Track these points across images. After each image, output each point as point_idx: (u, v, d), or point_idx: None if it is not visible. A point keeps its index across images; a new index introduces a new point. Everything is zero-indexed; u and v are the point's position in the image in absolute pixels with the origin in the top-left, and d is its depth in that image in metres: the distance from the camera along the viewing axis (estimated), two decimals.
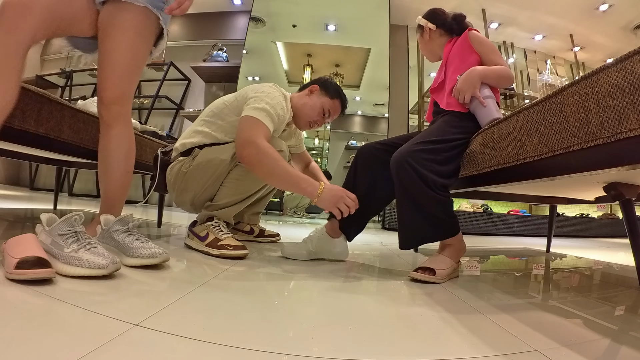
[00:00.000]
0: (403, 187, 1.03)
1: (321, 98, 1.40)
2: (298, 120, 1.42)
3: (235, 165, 1.25)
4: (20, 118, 0.97)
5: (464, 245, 1.12)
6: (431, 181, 0.99)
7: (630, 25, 4.02)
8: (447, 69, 1.26)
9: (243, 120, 1.16)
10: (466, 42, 1.23)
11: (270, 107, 1.18)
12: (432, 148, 1.04)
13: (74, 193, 4.31)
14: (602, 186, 0.97)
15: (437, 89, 1.30)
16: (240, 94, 1.30)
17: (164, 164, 1.37)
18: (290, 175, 1.10)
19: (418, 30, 1.40)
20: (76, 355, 0.39)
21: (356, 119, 5.21)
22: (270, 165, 1.09)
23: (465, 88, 1.11)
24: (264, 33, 4.33)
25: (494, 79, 1.14)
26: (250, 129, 1.14)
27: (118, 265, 0.73)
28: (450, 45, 1.29)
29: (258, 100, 1.19)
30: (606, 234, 3.84)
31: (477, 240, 2.59)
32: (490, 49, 1.20)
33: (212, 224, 1.21)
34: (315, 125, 1.45)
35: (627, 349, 0.58)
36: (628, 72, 0.58)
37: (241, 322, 0.57)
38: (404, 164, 1.01)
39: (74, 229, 0.75)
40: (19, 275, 0.61)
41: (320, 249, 1.22)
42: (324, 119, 1.43)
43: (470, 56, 1.21)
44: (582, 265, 1.71)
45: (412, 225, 1.07)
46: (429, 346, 0.54)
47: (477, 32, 1.24)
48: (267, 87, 1.27)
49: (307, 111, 1.39)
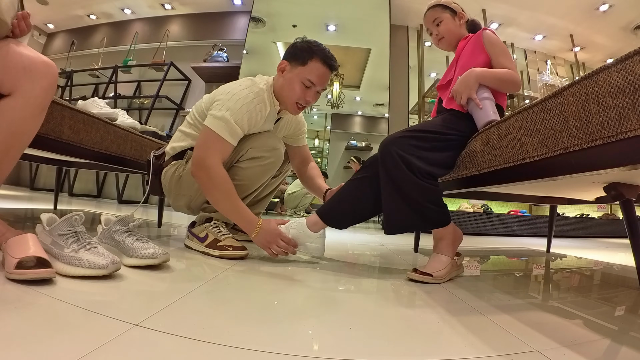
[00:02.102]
0: (387, 172, 1.03)
1: (294, 71, 1.19)
2: (284, 106, 1.25)
3: (230, 166, 1.22)
4: None
5: (459, 235, 1.11)
6: (415, 167, 0.99)
7: (631, 26, 4.02)
8: (457, 66, 1.25)
9: (202, 133, 1.13)
10: (479, 41, 1.20)
11: (230, 115, 1.10)
12: (420, 136, 1.04)
13: (74, 193, 4.31)
14: (603, 186, 0.96)
15: (444, 86, 1.28)
16: (212, 95, 1.23)
17: (157, 168, 1.33)
18: (234, 209, 1.11)
19: (446, 11, 1.30)
20: (76, 355, 0.39)
21: (356, 119, 5.21)
22: (216, 196, 1.12)
23: (462, 89, 1.11)
24: (264, 33, 4.33)
25: (493, 82, 1.11)
26: (205, 147, 1.10)
27: (118, 265, 0.73)
28: (465, 42, 1.27)
29: (219, 106, 1.12)
30: (606, 234, 3.84)
31: (477, 241, 2.59)
32: (500, 51, 1.17)
33: (211, 224, 1.20)
34: (306, 103, 1.22)
35: (627, 349, 0.58)
36: (628, 72, 0.58)
37: (241, 322, 0.57)
38: (390, 149, 1.01)
39: (74, 229, 0.75)
40: (19, 275, 0.61)
41: (295, 239, 1.16)
42: (310, 91, 1.20)
43: (480, 56, 1.18)
44: (582, 265, 1.71)
45: (396, 212, 1.05)
46: (428, 346, 0.54)
47: (492, 32, 1.21)
48: (236, 87, 1.17)
49: (286, 93, 1.21)
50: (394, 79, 4.10)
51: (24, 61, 0.80)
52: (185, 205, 1.31)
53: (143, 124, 2.76)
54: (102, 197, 4.42)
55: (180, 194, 1.27)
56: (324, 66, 1.17)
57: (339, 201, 1.19)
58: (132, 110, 4.31)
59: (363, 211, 1.18)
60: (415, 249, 1.74)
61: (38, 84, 0.81)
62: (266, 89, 1.20)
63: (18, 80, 0.78)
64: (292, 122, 1.43)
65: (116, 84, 4.22)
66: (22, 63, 0.79)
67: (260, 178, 1.26)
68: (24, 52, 0.81)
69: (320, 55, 1.17)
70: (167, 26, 4.59)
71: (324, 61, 1.17)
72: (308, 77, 1.17)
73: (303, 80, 1.17)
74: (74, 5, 4.66)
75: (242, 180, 1.22)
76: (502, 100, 1.17)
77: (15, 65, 0.78)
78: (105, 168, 1.98)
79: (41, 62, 0.82)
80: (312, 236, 1.18)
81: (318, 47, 1.18)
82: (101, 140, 1.32)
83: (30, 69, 0.80)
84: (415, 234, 1.79)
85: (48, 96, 0.85)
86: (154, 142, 1.71)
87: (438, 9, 1.32)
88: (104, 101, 1.53)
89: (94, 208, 2.78)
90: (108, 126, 1.36)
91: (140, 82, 4.43)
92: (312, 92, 1.20)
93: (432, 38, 1.36)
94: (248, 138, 1.20)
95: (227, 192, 1.10)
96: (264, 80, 1.23)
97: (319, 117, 5.55)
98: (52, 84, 0.85)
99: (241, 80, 1.22)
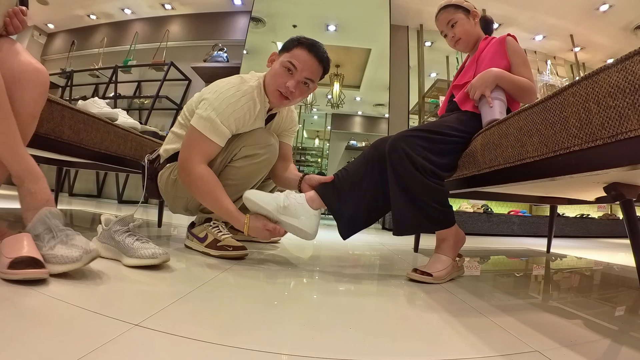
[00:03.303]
0: (393, 168, 1.02)
1: (279, 58, 1.17)
2: (269, 97, 1.19)
3: (224, 166, 1.20)
4: None
5: (462, 237, 1.10)
6: (420, 166, 0.98)
7: (631, 26, 4.01)
8: (478, 66, 1.22)
9: (187, 133, 1.13)
10: (502, 46, 1.19)
11: (216, 114, 1.08)
12: (427, 137, 1.03)
13: (74, 193, 4.31)
14: (603, 186, 0.96)
15: (460, 86, 1.26)
16: (200, 93, 1.21)
17: (152, 172, 1.32)
18: (218, 208, 1.11)
19: (459, 11, 1.27)
20: (76, 355, 0.39)
21: (356, 119, 5.21)
22: (200, 197, 1.13)
23: (478, 85, 1.10)
24: (264, 33, 4.33)
25: (510, 86, 1.11)
26: (188, 148, 1.11)
27: (93, 253, 0.71)
28: (485, 43, 1.25)
29: (205, 105, 1.10)
30: (606, 234, 3.83)
31: (477, 241, 2.59)
32: (521, 60, 1.16)
33: (210, 224, 1.20)
34: (287, 91, 1.14)
35: (628, 349, 0.58)
36: (628, 72, 0.58)
37: (241, 322, 0.57)
38: (396, 146, 1.01)
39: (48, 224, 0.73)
40: (12, 276, 0.61)
41: (289, 211, 1.08)
42: (291, 76, 1.13)
43: (502, 61, 1.17)
44: (582, 265, 1.71)
45: (403, 212, 1.03)
46: (429, 346, 0.54)
47: (514, 39, 1.21)
48: (223, 85, 1.14)
49: (268, 80, 1.17)
50: (394, 79, 4.10)
51: (14, 69, 0.78)
52: (182, 207, 1.29)
53: (143, 124, 2.76)
54: (102, 197, 4.42)
55: (177, 196, 1.26)
56: (309, 53, 1.13)
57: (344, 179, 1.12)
58: (132, 110, 4.31)
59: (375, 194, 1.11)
60: (416, 249, 1.74)
61: (28, 95, 0.79)
62: (256, 86, 1.17)
63: (8, 90, 0.76)
64: (286, 121, 1.40)
65: (116, 84, 4.22)
66: (11, 71, 0.77)
67: (256, 176, 1.23)
68: (14, 59, 0.79)
69: (306, 43, 1.14)
70: (167, 26, 4.59)
71: (309, 49, 1.13)
72: (289, 60, 1.13)
73: (284, 64, 1.13)
74: (74, 5, 4.66)
75: (237, 180, 1.19)
76: (515, 109, 1.15)
77: (5, 72, 0.76)
78: (106, 168, 1.97)
79: (32, 69, 0.80)
80: (309, 211, 1.09)
81: (308, 39, 1.16)
82: (101, 140, 1.32)
83: (20, 79, 0.78)
84: (415, 234, 1.79)
85: (38, 105, 0.84)
86: (154, 142, 1.70)
87: (450, 9, 1.28)
88: (104, 101, 1.54)
89: (94, 208, 2.78)
90: (108, 126, 1.36)
91: (140, 82, 4.42)
92: (294, 80, 1.14)
93: (448, 40, 1.32)
94: (240, 136, 1.18)
95: (208, 191, 1.10)
96: (255, 77, 1.20)
97: (319, 117, 5.55)
98: (42, 93, 0.84)
99: (230, 78, 1.19)
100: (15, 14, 0.85)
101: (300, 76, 1.14)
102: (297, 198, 1.10)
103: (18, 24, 0.85)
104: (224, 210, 1.10)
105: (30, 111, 0.82)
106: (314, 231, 1.09)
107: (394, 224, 1.06)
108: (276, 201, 1.08)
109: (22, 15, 0.87)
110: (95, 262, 0.72)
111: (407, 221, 1.04)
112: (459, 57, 3.92)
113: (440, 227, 1.06)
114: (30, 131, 0.84)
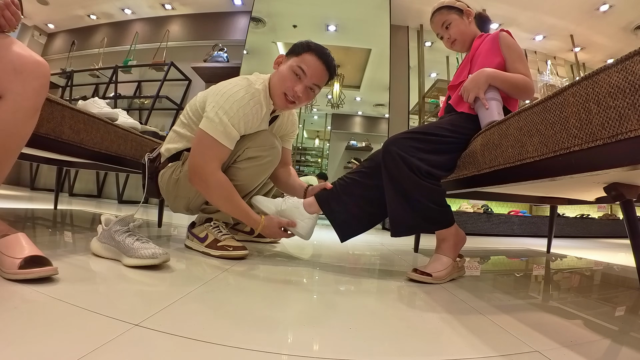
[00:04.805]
0: (388, 172, 1.03)
1: (287, 62, 1.17)
2: (274, 99, 1.20)
3: (227, 167, 1.19)
4: None
5: (462, 237, 1.10)
6: (415, 167, 0.99)
7: (631, 26, 4.01)
8: (472, 65, 1.22)
9: (197, 136, 1.12)
10: (495, 42, 1.17)
11: (227, 118, 1.08)
12: (420, 138, 1.04)
13: (75, 193, 4.31)
14: (603, 187, 0.96)
15: (456, 86, 1.25)
16: (205, 94, 1.21)
17: (153, 171, 1.31)
18: (235, 211, 1.14)
19: (452, 12, 1.27)
20: (76, 355, 0.39)
21: (356, 119, 5.21)
22: (217, 202, 1.15)
23: (470, 87, 1.09)
24: (264, 33, 4.33)
25: (504, 85, 1.09)
26: (201, 153, 1.10)
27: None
28: (480, 40, 1.24)
29: (215, 108, 1.09)
30: (606, 234, 3.83)
31: (477, 241, 2.59)
32: (517, 56, 1.14)
33: (210, 224, 1.20)
34: (294, 96, 1.16)
35: (628, 349, 0.58)
36: (629, 72, 0.58)
37: (241, 322, 0.57)
38: (390, 149, 1.02)
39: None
40: (25, 275, 0.61)
41: (286, 214, 1.17)
42: (301, 83, 1.15)
43: (496, 58, 1.15)
44: (582, 265, 1.71)
45: (399, 212, 1.04)
46: (429, 346, 0.54)
47: (509, 34, 1.18)
48: (231, 87, 1.14)
49: (275, 83, 1.18)
50: (394, 79, 4.10)
51: (14, 61, 0.77)
52: (184, 207, 1.29)
53: (143, 124, 2.76)
54: (102, 197, 4.42)
55: (179, 196, 1.25)
56: (318, 60, 1.14)
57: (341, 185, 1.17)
58: (132, 110, 4.31)
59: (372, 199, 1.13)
60: (416, 249, 1.74)
61: (29, 86, 0.78)
62: (262, 89, 1.17)
63: (9, 83, 0.76)
64: (288, 124, 1.41)
65: (116, 84, 4.22)
66: (12, 64, 0.76)
67: (258, 178, 1.24)
68: (14, 51, 0.78)
69: (317, 49, 1.15)
70: (167, 26, 4.59)
71: (319, 56, 1.14)
72: (299, 65, 1.13)
73: (294, 69, 1.14)
74: (74, 5, 4.67)
75: (240, 181, 1.20)
76: (513, 106, 1.15)
77: (4, 66, 0.76)
78: (106, 168, 1.97)
79: (32, 61, 0.79)
80: (305, 215, 1.16)
81: (317, 45, 1.17)
82: (101, 140, 1.32)
83: (21, 71, 0.77)
84: (415, 235, 1.79)
85: (40, 98, 0.83)
86: (154, 142, 1.70)
87: (444, 11, 1.29)
88: (104, 101, 1.53)
89: (94, 208, 2.77)
90: (108, 126, 1.36)
91: (140, 82, 4.43)
92: (302, 85, 1.15)
93: (444, 42, 1.33)
94: (244, 138, 1.18)
95: (226, 197, 1.12)
96: (260, 80, 1.20)
97: (319, 117, 5.55)
98: (44, 84, 0.82)
99: (237, 79, 1.19)
100: (7, 5, 0.79)
101: (309, 82, 1.16)
102: (295, 202, 1.18)
103: (10, 16, 0.80)
104: (243, 214, 1.14)
105: (32, 104, 0.81)
106: (307, 233, 1.17)
107: (391, 225, 1.07)
108: (275, 205, 1.19)
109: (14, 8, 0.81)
110: (95, 262, 0.72)
111: (404, 222, 1.05)
112: (459, 57, 3.92)
113: (438, 227, 1.06)
114: (32, 125, 0.84)
